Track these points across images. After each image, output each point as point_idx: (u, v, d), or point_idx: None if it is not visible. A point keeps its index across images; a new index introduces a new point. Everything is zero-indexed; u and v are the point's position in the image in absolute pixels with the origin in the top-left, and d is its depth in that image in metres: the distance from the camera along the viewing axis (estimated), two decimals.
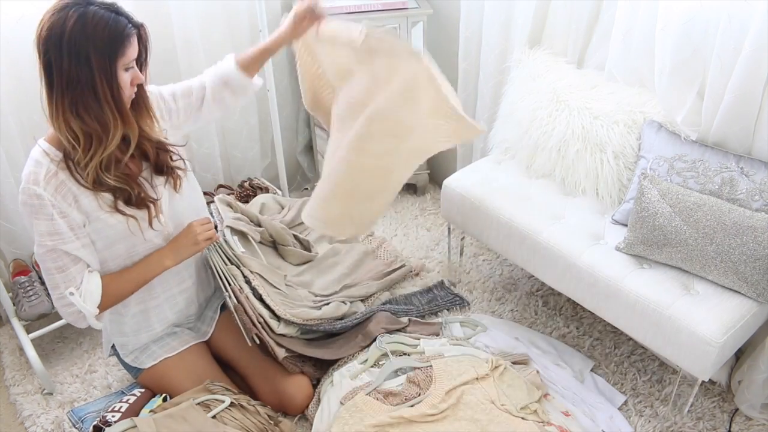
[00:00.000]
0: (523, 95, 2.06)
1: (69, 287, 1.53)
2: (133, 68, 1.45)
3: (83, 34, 1.34)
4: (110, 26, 1.37)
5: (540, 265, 1.88)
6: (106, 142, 1.43)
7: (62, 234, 1.49)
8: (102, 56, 1.36)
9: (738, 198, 1.62)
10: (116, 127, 1.43)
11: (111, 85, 1.39)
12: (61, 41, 1.33)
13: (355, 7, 2.36)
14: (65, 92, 1.37)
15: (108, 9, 1.39)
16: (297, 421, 1.85)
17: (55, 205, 1.46)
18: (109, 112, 1.41)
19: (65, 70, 1.35)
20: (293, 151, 2.89)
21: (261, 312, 1.80)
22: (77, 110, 1.39)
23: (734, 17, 1.55)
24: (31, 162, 1.47)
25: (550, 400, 1.81)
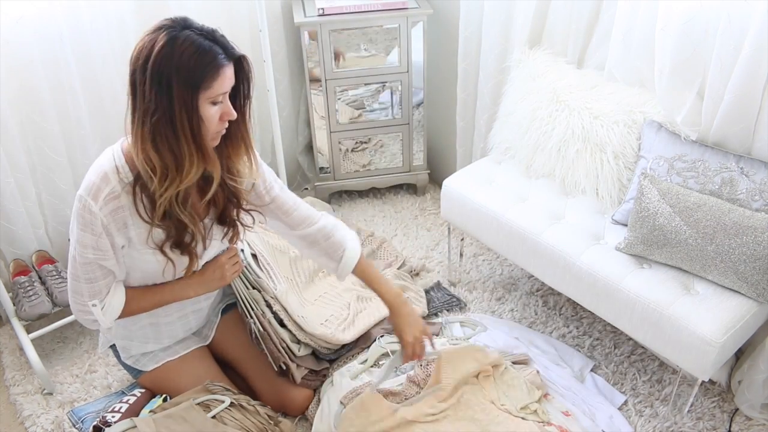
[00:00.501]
0: (523, 95, 2.06)
1: (93, 299, 1.49)
2: (222, 102, 1.34)
3: (169, 59, 1.25)
4: (198, 54, 1.27)
5: (540, 265, 1.88)
6: (180, 178, 1.33)
7: (105, 251, 1.43)
8: (184, 86, 1.26)
9: (738, 198, 1.62)
10: (192, 163, 1.33)
11: (191, 117, 1.29)
12: (146, 64, 1.25)
13: (355, 7, 2.36)
14: (144, 119, 1.28)
15: (203, 35, 1.29)
16: (297, 421, 1.85)
17: (106, 226, 1.40)
18: (185, 146, 1.31)
19: (147, 96, 1.26)
20: (293, 151, 2.89)
21: (283, 337, 1.80)
22: (154, 139, 1.29)
23: (734, 17, 1.55)
24: (99, 172, 1.39)
25: (550, 400, 1.81)
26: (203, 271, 1.63)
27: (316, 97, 2.53)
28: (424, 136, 2.70)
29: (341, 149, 2.67)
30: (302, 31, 2.37)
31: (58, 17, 1.96)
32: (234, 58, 1.33)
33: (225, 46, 1.32)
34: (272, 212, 1.65)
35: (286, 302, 1.85)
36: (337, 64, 2.44)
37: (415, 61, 2.49)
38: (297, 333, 1.84)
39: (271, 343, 1.78)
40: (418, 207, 2.76)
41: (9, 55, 1.92)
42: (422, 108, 2.63)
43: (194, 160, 1.33)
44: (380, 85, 2.54)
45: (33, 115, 2.03)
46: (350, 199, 2.84)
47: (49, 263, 2.13)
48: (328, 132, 2.60)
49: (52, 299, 2.03)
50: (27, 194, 2.10)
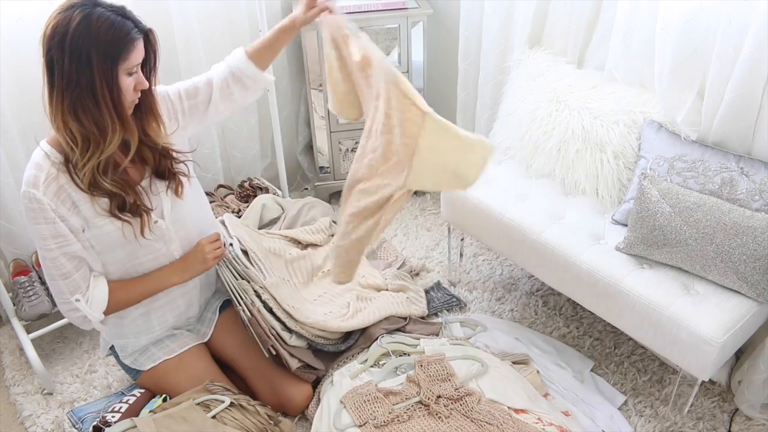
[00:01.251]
0: (523, 95, 2.06)
1: (75, 294, 1.53)
2: (136, 73, 1.43)
3: (86, 34, 1.32)
4: (114, 29, 1.35)
5: (540, 265, 1.88)
6: (103, 145, 1.42)
7: (65, 236, 1.48)
8: (103, 59, 1.34)
9: (738, 198, 1.62)
10: (114, 131, 1.41)
11: (111, 88, 1.37)
12: (63, 41, 1.32)
13: (355, 7, 2.36)
14: (65, 93, 1.36)
15: (114, 12, 1.37)
16: (297, 421, 1.85)
17: (55, 210, 1.45)
18: (107, 115, 1.39)
19: (66, 71, 1.34)
20: (293, 151, 2.89)
21: (273, 324, 1.81)
22: (76, 112, 1.37)
23: (734, 17, 1.55)
24: (32, 165, 1.46)
25: (550, 400, 1.81)
26: (185, 257, 1.71)
27: (316, 97, 2.53)
28: None
29: (341, 149, 2.67)
30: (302, 31, 2.37)
31: None
32: (144, 31, 1.42)
33: (135, 21, 1.40)
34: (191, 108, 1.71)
35: (275, 293, 1.85)
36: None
37: (415, 61, 2.49)
38: (287, 321, 1.83)
39: (259, 327, 1.78)
40: (418, 207, 2.76)
41: (9, 55, 1.92)
42: None
43: (116, 128, 1.41)
44: None
45: (33, 115, 2.03)
46: None
47: None
48: (328, 132, 2.60)
49: (51, 299, 2.03)
50: None
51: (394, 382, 1.80)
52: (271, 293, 1.84)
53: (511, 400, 1.72)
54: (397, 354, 1.93)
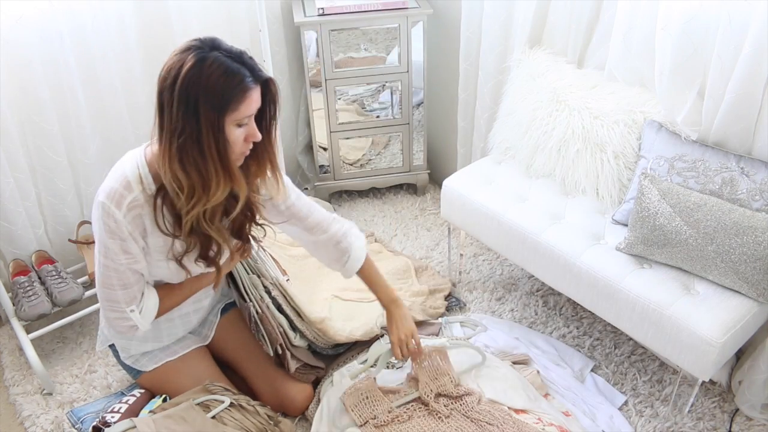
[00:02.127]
0: (523, 95, 2.06)
1: (131, 305, 1.50)
2: (247, 125, 1.34)
3: (196, 80, 1.25)
4: (226, 76, 1.27)
5: (540, 265, 1.88)
6: (206, 197, 1.35)
7: (135, 255, 1.45)
8: (211, 108, 1.27)
9: (738, 198, 1.62)
10: (218, 184, 1.34)
11: (217, 139, 1.29)
12: (174, 84, 1.26)
13: (355, 7, 2.36)
14: (172, 138, 1.29)
15: (231, 57, 1.29)
16: (297, 421, 1.85)
17: (131, 232, 1.42)
18: (212, 167, 1.31)
19: (174, 116, 1.27)
20: (293, 151, 2.89)
21: (281, 322, 1.81)
22: (181, 159, 1.30)
23: (734, 17, 1.54)
24: (121, 179, 1.39)
25: (550, 400, 1.80)
26: None
27: (316, 97, 2.53)
28: (424, 136, 2.70)
29: (341, 149, 2.67)
30: (302, 31, 2.37)
31: (58, 17, 1.96)
32: (261, 80, 1.33)
33: (252, 68, 1.31)
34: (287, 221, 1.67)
35: (285, 289, 1.85)
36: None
37: (415, 61, 2.49)
38: (295, 319, 1.83)
39: (269, 324, 1.78)
40: (418, 207, 2.76)
41: (9, 55, 1.92)
42: (422, 108, 2.63)
43: (220, 180, 1.34)
44: (380, 85, 2.54)
45: (33, 115, 2.03)
46: (350, 199, 2.84)
47: (49, 263, 2.12)
48: (328, 132, 2.60)
49: (51, 299, 2.03)
50: (27, 194, 2.10)
51: (394, 381, 1.80)
52: (281, 290, 1.84)
53: (511, 400, 1.72)
54: None
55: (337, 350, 1.99)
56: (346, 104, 2.57)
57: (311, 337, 1.88)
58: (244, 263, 1.82)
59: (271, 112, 1.40)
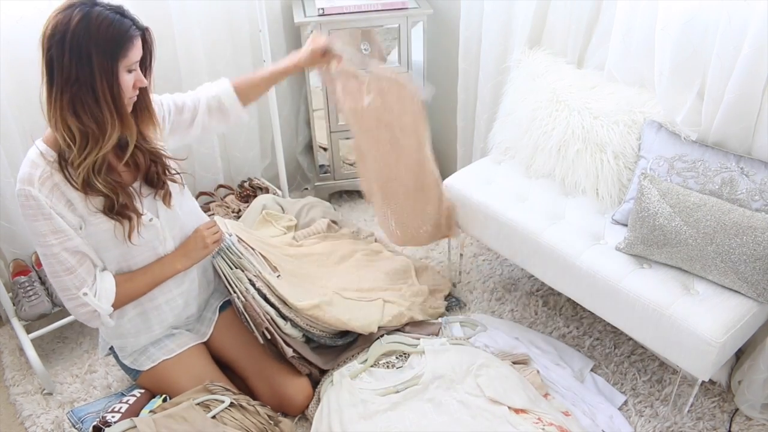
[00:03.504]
0: (523, 95, 2.06)
1: (81, 288, 1.54)
2: (135, 71, 1.45)
3: (86, 32, 1.35)
4: (114, 26, 1.37)
5: (540, 265, 1.88)
6: (102, 142, 1.43)
7: (65, 231, 1.49)
8: (104, 56, 1.37)
9: (738, 198, 1.62)
10: (113, 127, 1.43)
11: (111, 85, 1.40)
12: (64, 39, 1.34)
13: (355, 7, 2.36)
14: (64, 89, 1.37)
15: (113, 11, 1.40)
16: (297, 421, 1.85)
17: (52, 206, 1.46)
18: (107, 112, 1.41)
19: (66, 68, 1.35)
20: (293, 151, 2.89)
21: (267, 310, 1.82)
22: (75, 109, 1.39)
23: (734, 17, 1.55)
24: (27, 163, 1.47)
25: (550, 400, 1.81)
26: (185, 244, 1.73)
27: (316, 97, 2.53)
28: None
29: (341, 149, 2.67)
30: (302, 31, 2.37)
31: None
32: (141, 29, 1.44)
33: (133, 19, 1.43)
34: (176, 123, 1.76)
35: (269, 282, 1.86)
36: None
37: (415, 61, 2.49)
38: (281, 308, 1.84)
39: (253, 311, 1.78)
40: None
41: (9, 55, 1.92)
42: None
43: (115, 125, 1.43)
44: None
45: (33, 115, 2.03)
46: (350, 199, 2.84)
47: None
48: (328, 132, 2.60)
49: (52, 299, 2.03)
50: None
51: (396, 380, 1.80)
52: (265, 281, 1.85)
53: (511, 400, 1.72)
54: (396, 354, 1.93)
55: (335, 341, 1.97)
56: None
57: (304, 324, 1.86)
58: (226, 259, 1.84)
59: (148, 61, 1.50)
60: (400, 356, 1.92)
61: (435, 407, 1.74)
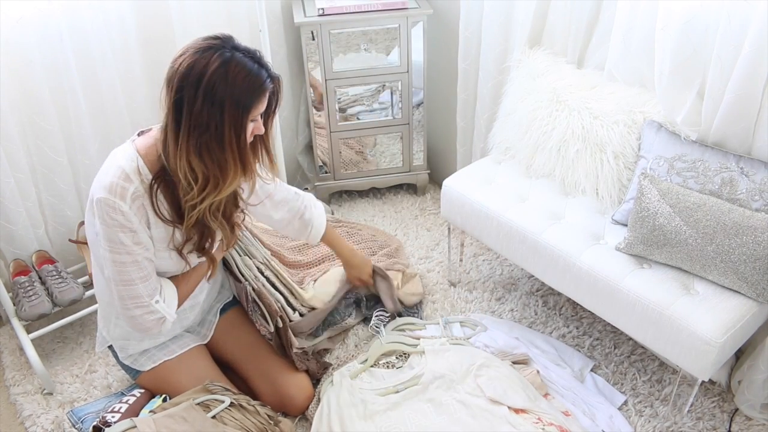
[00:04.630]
0: (523, 95, 2.06)
1: (154, 296, 1.52)
2: (257, 120, 1.43)
3: (224, 81, 1.32)
4: (250, 78, 1.35)
5: (540, 265, 1.88)
6: (221, 186, 1.42)
7: (146, 243, 1.48)
8: (236, 106, 1.34)
9: (738, 198, 1.62)
10: (236, 174, 1.42)
11: (238, 134, 1.38)
12: (199, 83, 1.31)
13: (355, 7, 2.36)
14: (191, 133, 1.35)
15: (251, 59, 1.37)
16: (297, 421, 1.85)
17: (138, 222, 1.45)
18: (231, 159, 1.39)
19: (196, 113, 1.33)
20: (293, 151, 2.89)
21: (278, 298, 1.86)
22: (200, 153, 1.36)
23: (734, 17, 1.55)
24: (120, 173, 1.42)
25: (550, 400, 1.81)
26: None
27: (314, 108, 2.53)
28: (424, 136, 2.70)
29: (341, 149, 2.67)
30: (302, 30, 2.37)
31: (58, 17, 1.96)
32: (274, 79, 1.42)
33: (267, 68, 1.41)
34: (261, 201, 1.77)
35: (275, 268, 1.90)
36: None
37: (415, 61, 2.49)
38: (289, 296, 1.90)
39: (267, 299, 1.81)
40: (418, 207, 2.76)
41: (9, 56, 1.92)
42: (422, 108, 2.63)
43: (237, 173, 1.42)
44: (380, 85, 2.54)
45: (33, 115, 2.03)
46: (350, 199, 2.84)
47: (49, 263, 2.13)
48: (328, 132, 2.60)
49: (52, 299, 2.03)
50: (27, 194, 2.10)
51: (396, 380, 1.80)
52: (273, 269, 1.88)
53: (511, 400, 1.72)
54: (396, 354, 1.93)
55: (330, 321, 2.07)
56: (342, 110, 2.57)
57: (305, 312, 1.94)
58: (236, 246, 1.85)
59: (272, 108, 1.48)
60: (400, 356, 1.92)
61: (435, 407, 1.74)
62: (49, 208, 2.19)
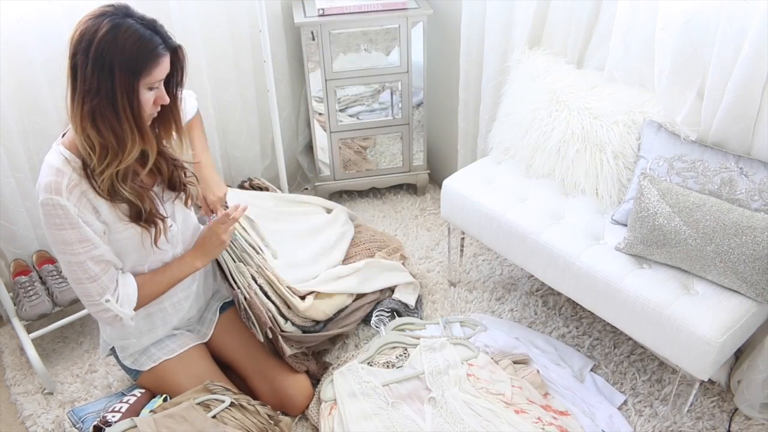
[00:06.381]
0: (523, 95, 2.06)
1: (104, 295, 1.52)
2: (158, 88, 1.41)
3: (112, 45, 1.31)
4: (141, 43, 1.33)
5: (540, 265, 1.88)
6: (121, 156, 1.40)
7: (91, 239, 1.47)
8: (126, 72, 1.33)
9: (737, 198, 1.63)
10: (133, 142, 1.40)
11: (131, 101, 1.36)
12: (89, 48, 1.30)
13: (355, 7, 2.36)
14: (85, 99, 1.34)
15: (145, 25, 1.35)
16: (297, 421, 1.85)
17: (80, 215, 1.44)
18: (127, 127, 1.38)
19: (88, 78, 1.32)
20: (293, 151, 2.89)
21: (269, 308, 1.84)
22: (94, 119, 1.35)
23: (734, 17, 1.55)
24: (51, 170, 1.42)
25: (550, 400, 1.81)
26: (202, 242, 1.71)
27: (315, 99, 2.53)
28: (424, 136, 2.71)
29: (341, 149, 2.67)
30: (302, 30, 2.37)
31: (58, 17, 1.96)
32: (171, 48, 1.40)
33: (164, 36, 1.39)
34: None
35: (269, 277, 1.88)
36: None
37: (415, 61, 2.50)
38: (282, 307, 1.87)
39: (258, 309, 1.79)
40: (418, 207, 2.76)
41: (9, 55, 1.92)
42: (422, 108, 2.63)
43: (135, 140, 1.40)
44: (380, 85, 2.54)
45: (33, 115, 2.04)
46: (350, 199, 2.84)
47: (50, 263, 2.13)
48: (328, 132, 2.61)
49: (52, 299, 2.03)
50: (27, 194, 2.10)
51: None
52: (267, 277, 1.87)
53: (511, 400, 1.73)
54: (397, 354, 1.93)
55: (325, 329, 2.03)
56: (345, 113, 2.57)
57: (300, 323, 1.91)
58: (229, 251, 1.84)
59: (178, 78, 1.47)
60: (400, 356, 1.92)
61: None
62: None
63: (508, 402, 1.74)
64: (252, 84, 2.54)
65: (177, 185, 1.63)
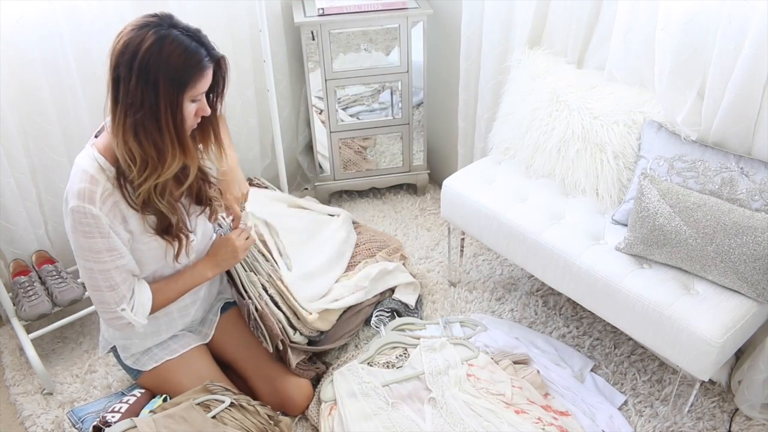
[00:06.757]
0: (523, 95, 2.06)
1: (120, 304, 1.51)
2: (200, 100, 1.40)
3: (157, 58, 1.29)
4: (186, 55, 1.31)
5: (540, 265, 1.88)
6: (161, 170, 1.39)
7: (119, 249, 1.46)
8: (171, 85, 1.31)
9: (738, 198, 1.62)
10: (174, 156, 1.38)
11: (174, 114, 1.34)
12: (133, 60, 1.28)
13: (355, 7, 2.36)
14: (128, 112, 1.32)
15: (189, 36, 1.33)
16: (297, 421, 1.85)
17: (111, 225, 1.43)
18: (168, 141, 1.36)
19: (131, 91, 1.30)
20: (293, 151, 2.89)
21: (280, 318, 1.83)
22: (136, 133, 1.33)
23: (734, 18, 1.55)
24: (85, 176, 1.40)
25: (550, 400, 1.81)
26: (215, 252, 1.70)
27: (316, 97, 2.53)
28: (424, 136, 2.70)
29: (341, 149, 2.67)
30: (302, 30, 2.37)
31: (58, 17, 1.96)
32: (215, 59, 1.38)
33: (208, 47, 1.36)
34: None
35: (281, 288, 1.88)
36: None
37: (415, 61, 2.49)
38: (291, 318, 1.87)
39: (269, 320, 1.79)
40: (418, 207, 2.76)
41: (9, 55, 1.92)
42: (422, 108, 2.63)
43: (176, 154, 1.39)
44: (380, 85, 2.54)
45: (33, 115, 2.03)
46: (350, 199, 2.84)
47: (49, 263, 2.13)
48: (328, 132, 2.60)
49: (52, 299, 2.03)
50: (27, 194, 2.10)
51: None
52: (277, 288, 1.87)
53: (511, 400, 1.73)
54: (397, 354, 1.93)
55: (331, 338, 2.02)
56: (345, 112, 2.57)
57: (308, 333, 1.91)
58: (241, 261, 1.83)
59: (220, 89, 1.45)
60: (400, 356, 1.92)
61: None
62: (49, 208, 2.19)
63: (509, 402, 1.74)
64: (252, 84, 2.54)
65: (204, 199, 1.61)
